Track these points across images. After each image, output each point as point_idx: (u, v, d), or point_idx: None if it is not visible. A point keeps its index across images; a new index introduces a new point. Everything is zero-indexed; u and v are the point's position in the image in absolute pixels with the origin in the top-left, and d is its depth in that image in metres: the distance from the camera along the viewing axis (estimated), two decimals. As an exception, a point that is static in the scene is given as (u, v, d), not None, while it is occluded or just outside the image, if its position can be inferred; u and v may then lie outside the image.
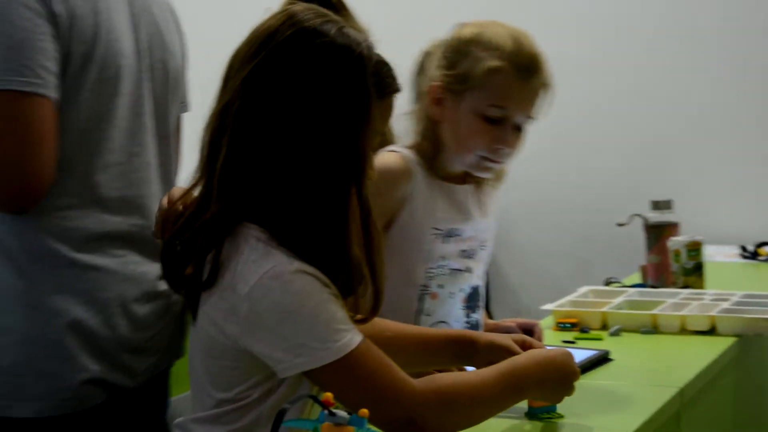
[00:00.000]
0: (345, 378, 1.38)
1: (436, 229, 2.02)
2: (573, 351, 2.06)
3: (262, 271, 1.38)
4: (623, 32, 4.24)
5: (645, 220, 2.88)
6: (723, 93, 4.05)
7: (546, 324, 2.43)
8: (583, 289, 2.69)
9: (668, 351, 2.24)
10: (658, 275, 2.84)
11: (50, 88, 1.74)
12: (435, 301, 2.04)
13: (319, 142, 1.41)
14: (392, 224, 2.00)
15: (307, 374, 1.40)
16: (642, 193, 3.20)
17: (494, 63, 1.97)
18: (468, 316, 2.09)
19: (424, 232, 2.01)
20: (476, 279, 2.10)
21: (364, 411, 1.29)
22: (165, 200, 1.67)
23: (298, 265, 1.39)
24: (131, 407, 1.88)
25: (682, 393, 1.88)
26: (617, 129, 4.22)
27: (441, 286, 2.04)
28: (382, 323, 1.72)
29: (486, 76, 1.98)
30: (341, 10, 1.72)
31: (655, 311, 2.41)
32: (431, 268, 2.02)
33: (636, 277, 2.98)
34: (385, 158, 1.99)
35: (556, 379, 1.59)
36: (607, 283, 2.93)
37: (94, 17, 1.81)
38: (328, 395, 1.30)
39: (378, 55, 1.52)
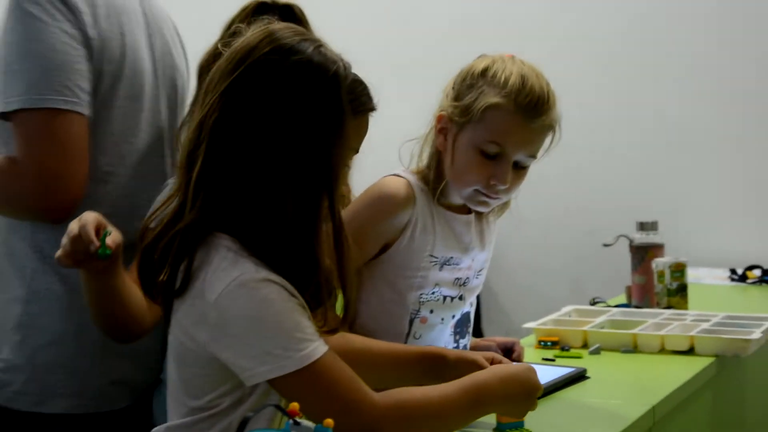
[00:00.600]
0: (307, 388, 1.41)
1: (433, 256, 2.02)
2: (551, 368, 2.12)
3: (230, 279, 1.41)
4: (610, 57, 4.29)
5: (630, 240, 2.92)
6: (711, 116, 4.09)
7: (528, 342, 2.47)
8: (567, 308, 2.73)
9: (646, 370, 2.26)
10: (642, 296, 2.88)
11: (84, 106, 1.91)
12: (424, 325, 2.05)
13: (293, 156, 1.45)
14: (389, 248, 2.01)
15: (272, 383, 1.43)
16: (633, 213, 3.23)
17: (495, 99, 1.95)
18: (456, 341, 2.10)
19: (421, 259, 2.01)
20: (467, 306, 2.13)
21: (329, 421, 1.32)
22: (75, 225, 1.68)
23: (265, 274, 1.42)
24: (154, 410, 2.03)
25: (654, 410, 1.91)
26: (609, 150, 4.27)
27: (432, 312, 2.05)
28: (352, 338, 1.76)
29: (486, 112, 1.96)
30: (304, 24, 1.80)
31: (635, 331, 2.44)
32: (424, 294, 2.03)
33: (623, 298, 3.02)
34: (390, 183, 2.00)
35: (519, 394, 1.62)
36: (592, 302, 2.97)
37: (120, 39, 1.99)
38: (294, 405, 1.34)
39: (354, 75, 1.56)
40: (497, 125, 1.96)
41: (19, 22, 1.89)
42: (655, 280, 2.82)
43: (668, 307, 2.77)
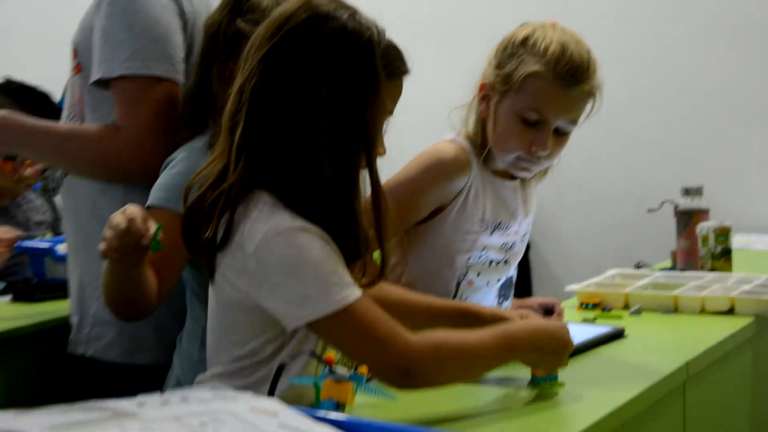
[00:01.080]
0: (344, 330, 1.49)
1: (484, 221, 2.09)
2: (590, 327, 2.18)
3: (267, 228, 1.50)
4: (656, 23, 4.30)
5: (675, 206, 2.96)
6: (759, 80, 4.09)
7: (571, 304, 2.53)
8: (611, 271, 2.78)
9: (684, 329, 2.30)
10: (687, 260, 2.92)
11: (180, 75, 2.06)
12: (471, 287, 2.11)
13: (330, 118, 1.52)
14: (442, 211, 2.07)
15: (311, 326, 1.50)
16: (681, 179, 3.26)
17: (534, 68, 2.00)
18: (500, 304, 2.18)
19: (473, 223, 2.08)
20: (512, 270, 2.19)
21: (363, 369, 1.41)
22: (121, 219, 1.62)
23: (300, 223, 1.50)
24: None
25: (688, 365, 1.96)
26: (655, 117, 4.29)
27: (479, 275, 2.12)
28: (389, 289, 1.83)
29: (526, 80, 2.00)
30: None
31: (675, 292, 2.49)
32: (472, 257, 2.09)
33: (669, 263, 3.06)
34: (447, 149, 2.07)
35: (548, 347, 1.68)
36: (637, 266, 3.01)
37: (205, 15, 2.08)
38: (331, 354, 1.43)
39: (388, 39, 1.64)
40: (537, 93, 2.00)
41: None
42: (700, 244, 2.85)
43: (712, 270, 2.81)
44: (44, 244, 2.72)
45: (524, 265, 4.65)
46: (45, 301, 2.64)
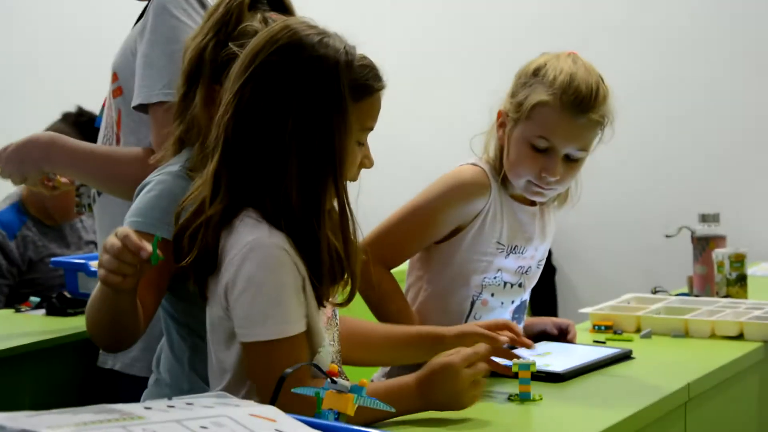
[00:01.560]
0: (264, 365, 1.58)
1: (500, 243, 2.17)
2: (600, 348, 2.24)
3: (245, 242, 1.59)
4: (676, 52, 4.38)
5: (692, 232, 3.01)
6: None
7: (585, 326, 2.59)
8: (627, 296, 2.84)
9: (692, 353, 2.36)
10: (703, 285, 2.97)
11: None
12: (485, 307, 2.19)
13: (298, 145, 1.61)
14: (460, 231, 2.16)
15: (243, 345, 1.61)
16: (704, 205, 3.31)
17: (543, 97, 2.08)
18: None
19: (489, 245, 2.16)
20: (527, 294, 2.27)
21: (364, 381, 1.49)
22: (113, 240, 1.58)
23: (278, 240, 1.60)
24: None
25: (689, 386, 2.02)
26: (676, 143, 4.35)
27: (493, 295, 2.19)
28: (350, 320, 1.91)
29: (535, 108, 2.08)
30: (290, 12, 1.95)
31: (686, 316, 2.54)
32: (487, 278, 2.17)
33: (686, 289, 3.11)
34: (468, 171, 2.16)
35: (439, 398, 1.69)
36: (654, 291, 3.06)
37: None
38: (333, 366, 1.51)
39: (361, 57, 1.68)
40: (545, 122, 2.09)
41: (164, 23, 2.14)
42: (715, 270, 2.91)
43: (727, 296, 2.86)
44: (78, 260, 2.82)
45: (550, 288, 4.72)
46: (77, 315, 2.75)
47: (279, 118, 1.62)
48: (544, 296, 4.66)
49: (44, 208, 3.45)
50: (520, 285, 2.23)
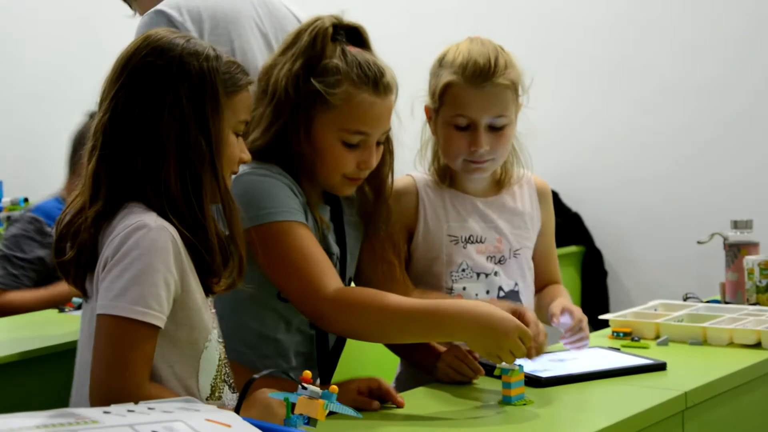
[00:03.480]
0: (106, 336, 1.63)
1: (451, 236, 2.28)
2: (632, 357, 2.28)
3: (129, 223, 1.67)
4: (709, 57, 4.37)
5: (725, 238, 3.02)
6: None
7: (604, 332, 2.63)
8: (654, 302, 2.86)
9: (706, 361, 2.37)
10: (735, 292, 2.97)
11: None
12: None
13: (176, 137, 1.71)
14: (414, 234, 2.29)
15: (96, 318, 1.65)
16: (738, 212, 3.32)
17: (448, 78, 2.23)
18: None
19: (442, 239, 2.28)
20: (509, 283, 2.32)
21: (334, 387, 1.56)
22: None
23: (166, 225, 1.67)
24: None
25: (686, 396, 2.05)
26: (708, 150, 4.35)
27: (464, 289, 2.28)
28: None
29: (445, 92, 2.24)
30: (366, 46, 2.08)
31: (704, 324, 2.56)
32: (454, 272, 2.27)
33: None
34: (397, 181, 2.27)
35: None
36: (685, 298, 3.07)
37: (230, 45, 2.38)
38: (307, 373, 1.58)
39: (227, 57, 1.80)
40: (456, 100, 2.23)
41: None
42: (746, 277, 2.91)
43: (755, 303, 2.85)
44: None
45: (602, 292, 4.74)
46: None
47: (154, 112, 1.72)
48: (596, 300, 4.68)
49: None
50: (495, 274, 2.30)
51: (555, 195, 4.82)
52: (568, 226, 4.77)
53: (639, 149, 4.66)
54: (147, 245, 1.64)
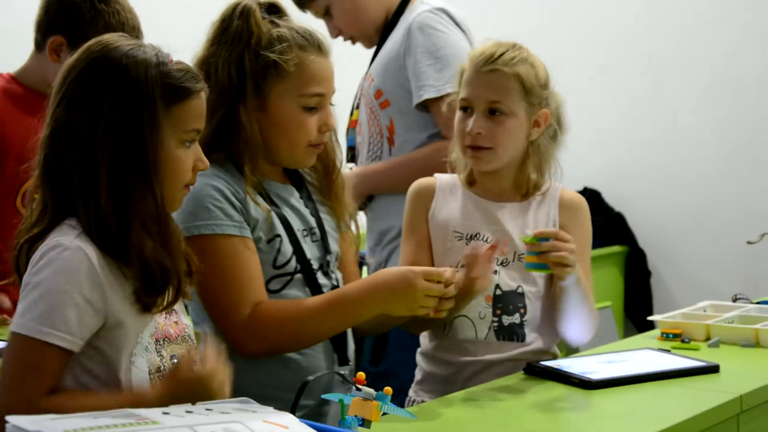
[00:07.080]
0: (8, 354, 1.62)
1: (456, 232, 2.31)
2: (681, 358, 2.26)
3: (47, 243, 1.65)
4: (753, 55, 4.33)
5: (775, 239, 2.98)
6: None
7: (653, 333, 2.60)
8: (703, 303, 2.82)
9: (760, 363, 2.34)
10: (787, 294, 2.93)
11: None
12: None
13: (111, 151, 1.66)
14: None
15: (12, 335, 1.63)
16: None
17: (464, 68, 2.31)
18: (498, 316, 2.27)
19: (447, 234, 2.32)
20: (510, 284, 2.29)
21: (388, 389, 1.56)
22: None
23: (82, 245, 1.63)
24: None
25: (741, 399, 2.02)
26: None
27: None
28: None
29: (461, 80, 2.31)
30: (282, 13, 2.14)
31: (757, 326, 2.52)
32: (454, 266, 2.23)
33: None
34: (421, 180, 2.39)
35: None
36: (734, 299, 3.03)
37: None
38: (361, 375, 1.58)
39: (176, 63, 1.74)
40: (464, 83, 2.31)
41: (430, 37, 2.82)
42: (797, 278, 2.87)
43: (807, 305, 2.81)
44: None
45: (646, 292, 4.71)
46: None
47: (89, 128, 1.67)
48: (640, 301, 4.65)
49: None
50: (495, 273, 2.26)
51: (597, 195, 4.80)
52: (611, 225, 4.73)
53: (683, 147, 4.63)
54: (58, 266, 1.62)
